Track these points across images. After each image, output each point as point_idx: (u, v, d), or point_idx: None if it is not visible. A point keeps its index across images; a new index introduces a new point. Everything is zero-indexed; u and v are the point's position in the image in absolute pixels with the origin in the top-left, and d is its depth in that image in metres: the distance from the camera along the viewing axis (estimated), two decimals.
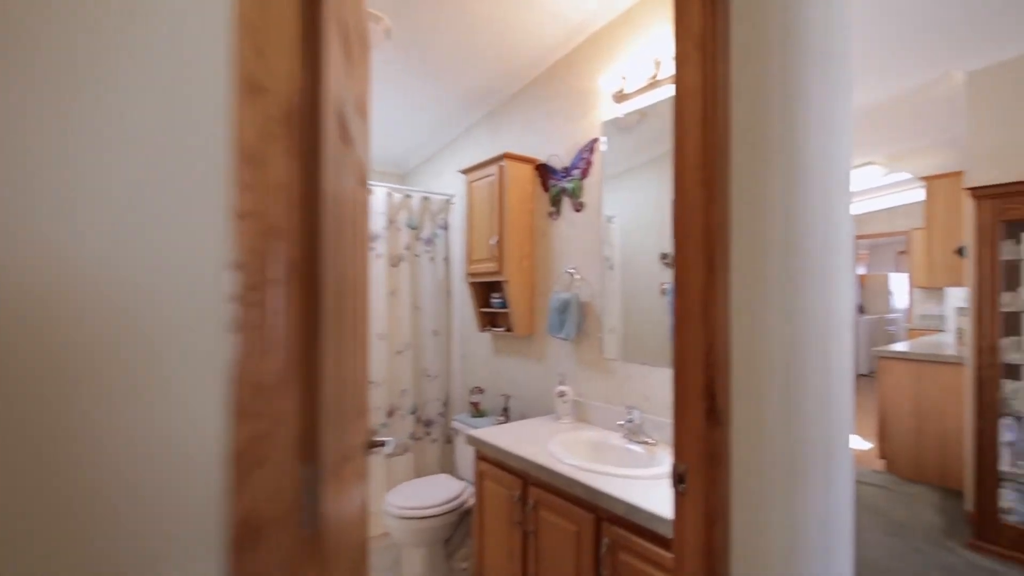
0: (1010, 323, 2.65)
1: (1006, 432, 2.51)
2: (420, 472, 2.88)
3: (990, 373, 2.44)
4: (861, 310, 8.18)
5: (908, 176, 4.49)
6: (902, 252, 7.49)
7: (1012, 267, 2.65)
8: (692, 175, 0.99)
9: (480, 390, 2.67)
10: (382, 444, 1.25)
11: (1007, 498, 2.48)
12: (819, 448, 1.29)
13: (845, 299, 1.40)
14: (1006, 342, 2.51)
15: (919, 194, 4.49)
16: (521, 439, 1.86)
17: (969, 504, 2.64)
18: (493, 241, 2.40)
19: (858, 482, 3.34)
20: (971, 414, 2.55)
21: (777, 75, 1.14)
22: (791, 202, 1.18)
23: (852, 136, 1.49)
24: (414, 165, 3.72)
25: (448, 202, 3.09)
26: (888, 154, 4.26)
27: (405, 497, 2.20)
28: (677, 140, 1.03)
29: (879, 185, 5.33)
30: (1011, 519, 2.41)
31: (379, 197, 2.79)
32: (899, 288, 8.02)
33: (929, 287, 4.65)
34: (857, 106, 3.25)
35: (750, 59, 1.08)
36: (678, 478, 1.01)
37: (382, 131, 3.24)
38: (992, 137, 2.69)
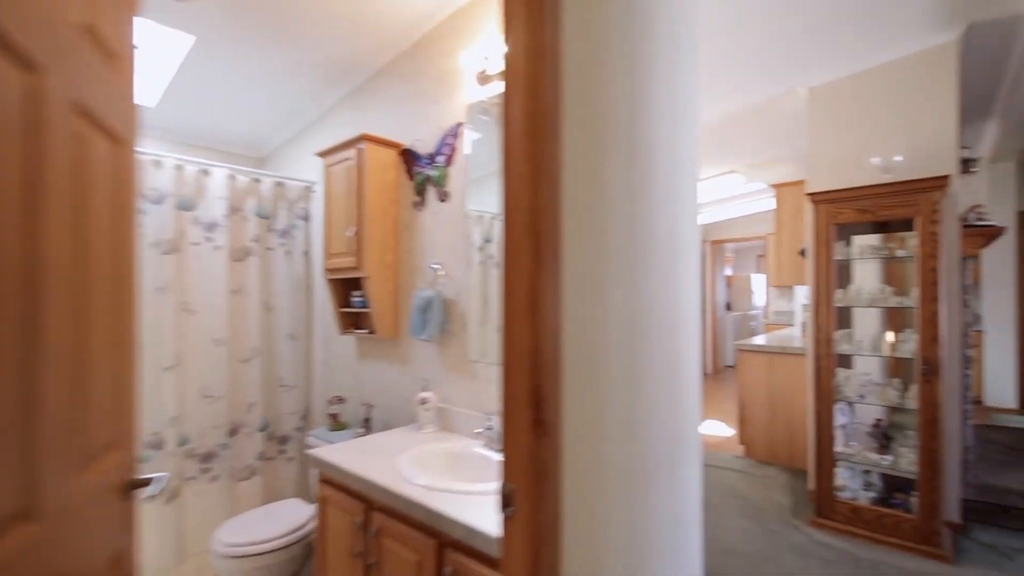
0: (843, 317, 2.94)
1: (839, 416, 2.77)
2: (273, 497, 2.52)
3: (826, 363, 2.67)
4: (728, 307, 8.99)
5: (764, 185, 4.94)
6: (761, 255, 8.34)
7: (844, 267, 2.94)
8: (519, 147, 0.85)
9: (340, 400, 2.39)
10: (147, 483, 0.96)
11: (841, 476, 2.74)
12: (665, 449, 1.23)
13: (691, 295, 1.37)
14: (839, 334, 2.77)
15: (773, 202, 4.94)
16: (371, 455, 1.64)
17: (812, 484, 2.89)
18: (350, 233, 2.14)
19: (720, 468, 3.55)
20: (811, 400, 2.78)
21: (619, 50, 1.05)
22: (633, 189, 1.10)
23: (699, 131, 1.48)
24: (274, 148, 3.31)
25: (309, 189, 2.75)
26: (748, 164, 4.63)
27: (236, 531, 1.87)
28: (505, 108, 0.88)
29: (741, 193, 5.83)
30: (844, 496, 2.66)
31: (218, 180, 2.39)
32: (759, 287, 8.93)
33: (781, 286, 5.15)
34: (715, 116, 3.45)
35: (589, 30, 0.97)
36: (505, 500, 0.86)
37: (229, 106, 2.82)
38: (828, 148, 2.96)
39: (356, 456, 1.63)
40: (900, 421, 2.86)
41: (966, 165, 3.26)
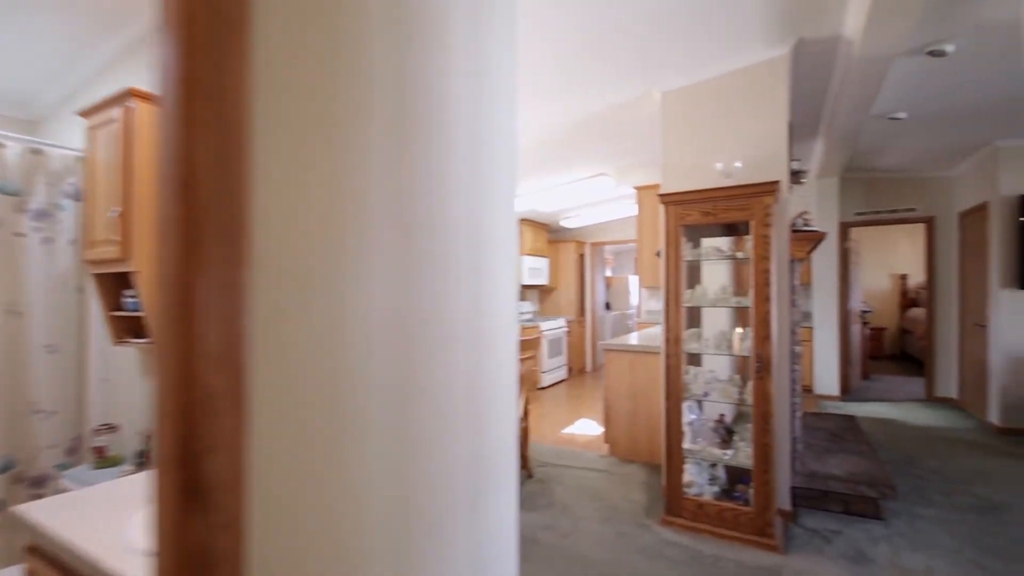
0: (692, 316, 3.01)
1: (688, 413, 2.82)
2: (14, 560, 1.93)
3: (675, 361, 2.70)
4: (608, 307, 9.36)
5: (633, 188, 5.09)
6: (637, 257, 8.79)
7: (693, 267, 3.02)
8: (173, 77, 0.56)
9: (109, 428, 1.88)
10: None
11: (689, 472, 2.79)
12: (463, 484, 1.02)
13: (507, 296, 1.18)
14: (688, 333, 2.82)
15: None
16: (107, 509, 1.22)
17: (664, 481, 2.92)
18: (113, 213, 1.67)
19: (583, 469, 3.52)
20: (662, 399, 2.80)
21: None
22: (401, 157, 0.86)
23: (516, 103, 1.28)
24: (49, 108, 2.62)
25: (80, 160, 2.18)
26: (617, 166, 4.72)
27: None
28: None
29: (614, 196, 6.00)
30: (691, 492, 2.70)
31: None
32: (634, 288, 9.42)
33: (649, 286, 5.35)
34: (580, 115, 3.41)
35: None
36: None
37: None
38: (680, 151, 3.03)
39: (80, 511, 1.21)
40: (741, 416, 2.99)
41: (796, 176, 3.53)
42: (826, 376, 5.79)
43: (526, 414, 3.49)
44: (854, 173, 5.85)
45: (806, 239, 2.80)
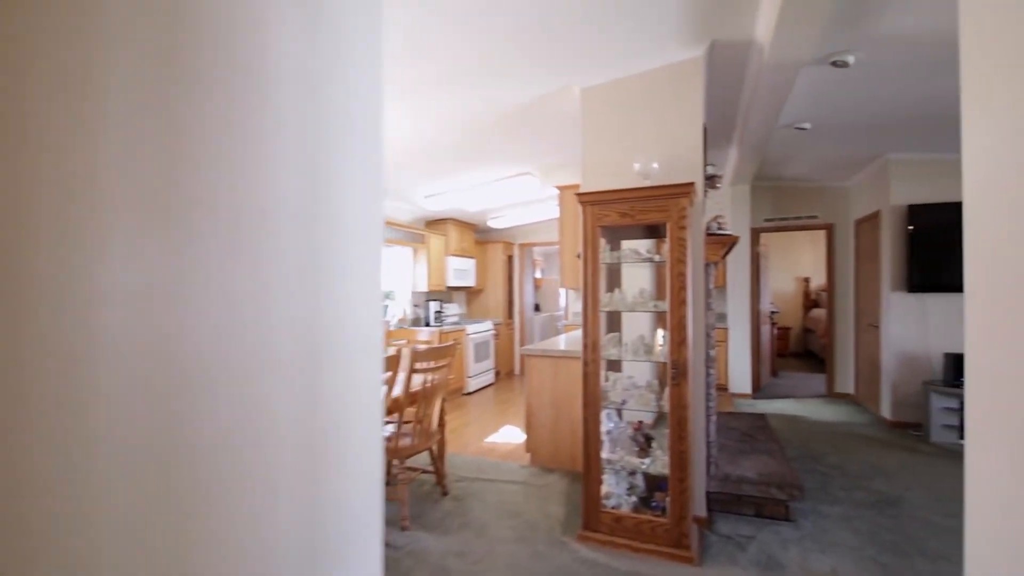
0: (612, 321, 2.92)
1: (606, 421, 2.71)
2: None
3: (593, 368, 2.58)
4: (537, 309, 9.31)
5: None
6: (560, 258, 8.79)
7: (614, 270, 2.93)
8: None
9: None
10: None
11: (608, 483, 2.68)
12: (294, 553, 0.78)
13: (365, 301, 0.95)
14: (607, 338, 2.72)
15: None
16: None
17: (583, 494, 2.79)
18: None
19: (503, 482, 3.34)
20: (581, 407, 2.67)
21: None
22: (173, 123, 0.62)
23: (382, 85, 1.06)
24: None
25: None
26: (541, 165, 4.60)
27: None
28: None
29: (540, 197, 5.90)
30: (609, 504, 2.59)
31: None
32: (563, 289, 9.44)
33: (571, 288, 5.28)
34: (501, 107, 3.23)
35: None
36: None
37: None
38: (599, 150, 2.93)
39: None
40: (661, 420, 2.93)
41: (711, 180, 3.55)
42: (739, 375, 6.03)
43: (442, 425, 3.26)
44: (763, 181, 6.15)
45: (720, 242, 2.79)
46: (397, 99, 3.03)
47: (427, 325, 6.16)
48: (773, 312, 8.79)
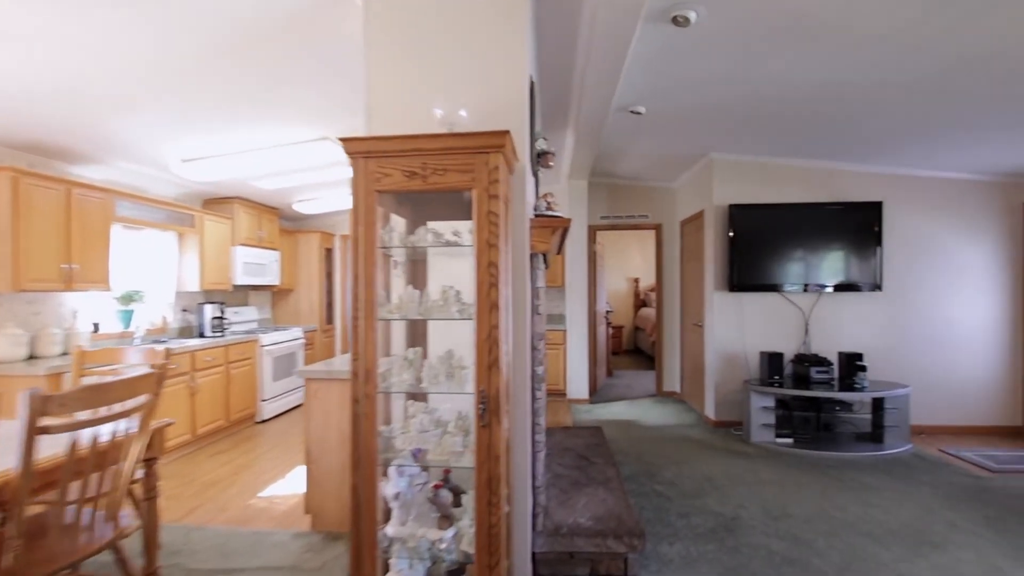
0: (415, 332, 2.10)
1: (396, 479, 1.87)
2: None
3: (368, 407, 1.71)
4: None
5: None
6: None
7: (418, 262, 2.11)
8: None
9: None
10: None
11: (397, 570, 1.84)
12: None
13: None
14: (396, 359, 1.88)
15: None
16: None
17: None
18: None
19: (262, 570, 2.29)
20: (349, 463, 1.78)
21: None
22: None
23: None
24: None
25: None
26: (339, 128, 3.59)
27: None
28: None
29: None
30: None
31: None
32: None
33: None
34: (242, 18, 2.18)
35: None
36: None
37: None
38: (388, 86, 2.08)
39: None
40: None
41: (544, 158, 2.94)
42: (577, 380, 5.72)
43: (152, 499, 2.07)
44: (600, 178, 5.94)
45: (550, 226, 2.14)
46: None
47: (201, 336, 4.68)
48: (608, 312, 8.94)
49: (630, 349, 10.13)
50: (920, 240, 4.45)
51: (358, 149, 1.65)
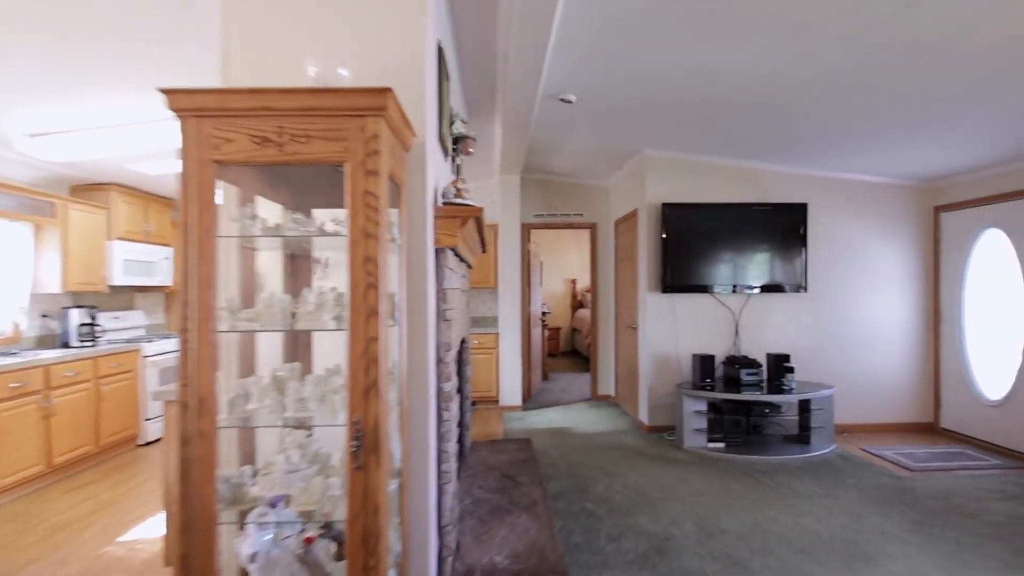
0: (296, 344, 1.70)
1: (255, 536, 1.46)
2: None
3: (202, 449, 1.30)
4: None
5: None
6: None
7: (301, 257, 1.71)
8: None
9: None
10: None
11: None
12: None
13: None
14: (250, 383, 1.48)
15: None
16: None
17: None
18: None
19: None
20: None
21: None
22: None
23: None
24: None
25: None
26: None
27: None
28: None
29: None
30: None
31: None
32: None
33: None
34: None
35: None
36: None
37: None
38: (248, 32, 1.67)
39: None
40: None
41: (463, 143, 2.62)
42: (510, 385, 5.43)
43: None
44: (533, 174, 5.70)
45: (458, 216, 1.81)
46: None
47: (65, 346, 3.95)
48: (545, 313, 8.76)
49: (568, 351, 10.02)
50: (841, 241, 4.53)
51: (187, 105, 1.24)
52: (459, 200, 1.88)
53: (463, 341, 3.26)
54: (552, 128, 4.06)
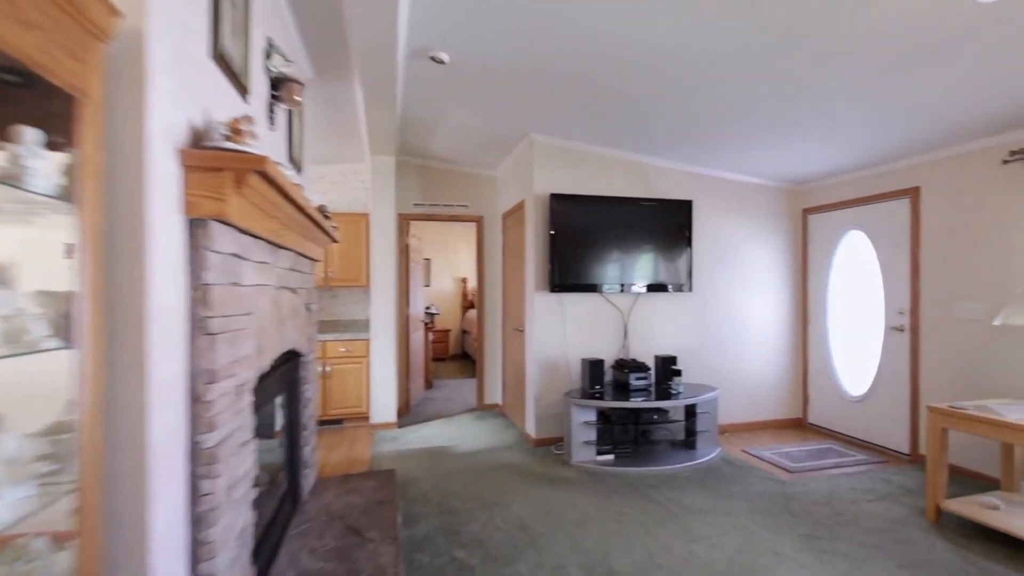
0: None
1: None
2: None
3: None
4: None
5: None
6: None
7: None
8: None
9: None
10: None
11: None
12: None
13: None
14: None
15: None
16: None
17: None
18: None
19: None
20: None
21: None
22: None
23: None
24: None
25: None
26: None
27: None
28: None
29: None
30: None
31: None
32: None
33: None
34: None
35: None
36: None
37: None
38: None
39: None
40: None
41: (288, 89, 1.93)
42: (384, 398, 4.72)
43: None
44: (412, 157, 5.05)
45: (227, 167, 1.14)
46: None
47: None
48: (433, 314, 8.10)
49: (458, 354, 9.45)
50: (723, 241, 4.50)
51: None
52: (230, 145, 1.20)
53: (296, 356, 2.54)
54: (426, 97, 3.47)
